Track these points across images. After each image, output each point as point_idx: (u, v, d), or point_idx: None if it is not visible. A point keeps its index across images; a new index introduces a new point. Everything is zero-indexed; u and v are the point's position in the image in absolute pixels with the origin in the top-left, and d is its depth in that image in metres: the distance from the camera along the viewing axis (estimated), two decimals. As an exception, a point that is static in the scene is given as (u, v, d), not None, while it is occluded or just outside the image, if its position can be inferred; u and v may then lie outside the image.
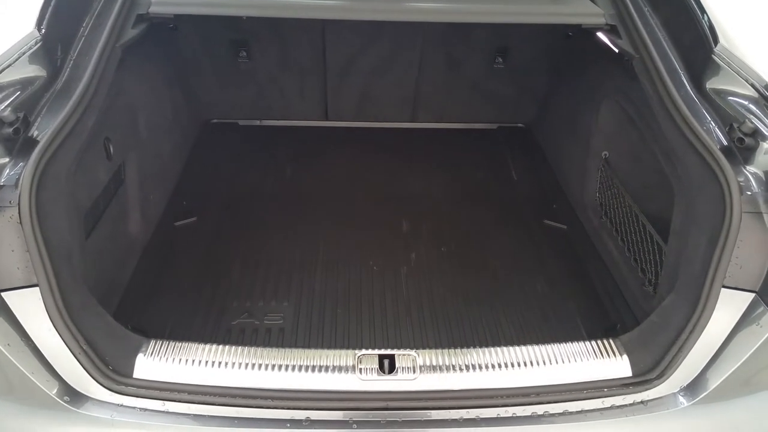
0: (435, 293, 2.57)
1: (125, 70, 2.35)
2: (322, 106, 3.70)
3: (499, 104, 3.80)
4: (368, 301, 2.51)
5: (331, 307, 2.46)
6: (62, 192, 1.78)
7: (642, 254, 2.47)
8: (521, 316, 2.49)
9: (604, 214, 2.87)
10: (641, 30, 2.31)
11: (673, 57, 2.23)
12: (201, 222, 2.92)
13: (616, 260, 2.67)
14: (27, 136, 1.74)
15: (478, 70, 3.58)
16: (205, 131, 3.66)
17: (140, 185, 2.61)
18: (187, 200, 3.05)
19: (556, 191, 3.31)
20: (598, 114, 2.91)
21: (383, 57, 3.47)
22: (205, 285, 2.54)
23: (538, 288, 2.65)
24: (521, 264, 2.79)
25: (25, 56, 1.91)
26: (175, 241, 2.79)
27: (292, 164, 3.45)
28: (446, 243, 2.88)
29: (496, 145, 3.77)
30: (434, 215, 3.09)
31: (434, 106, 3.77)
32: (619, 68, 2.69)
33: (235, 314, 2.40)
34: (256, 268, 2.65)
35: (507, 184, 3.41)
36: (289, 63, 3.46)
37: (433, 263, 2.75)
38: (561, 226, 3.05)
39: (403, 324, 2.40)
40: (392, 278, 2.64)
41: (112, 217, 2.36)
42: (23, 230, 1.59)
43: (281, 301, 2.48)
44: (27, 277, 1.60)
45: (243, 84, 3.56)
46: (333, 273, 2.65)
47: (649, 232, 2.43)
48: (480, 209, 3.17)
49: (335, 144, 3.67)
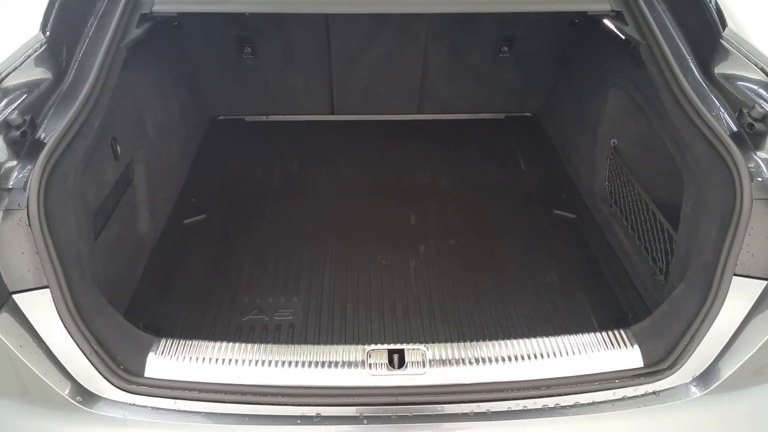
0: (444, 286, 2.57)
1: (130, 70, 2.35)
2: (328, 101, 3.69)
3: (506, 93, 3.77)
4: (377, 296, 2.51)
5: (341, 303, 2.47)
6: (70, 194, 1.79)
7: (653, 243, 2.45)
8: (532, 308, 2.48)
9: (613, 203, 2.85)
10: (647, 15, 2.28)
11: (680, 42, 2.21)
12: (210, 219, 2.93)
13: (627, 249, 2.66)
14: (34, 138, 1.76)
15: (484, 59, 3.55)
16: (211, 128, 3.67)
17: (148, 184, 2.62)
18: (195, 197, 3.07)
19: (565, 180, 3.29)
20: (605, 102, 2.89)
21: (388, 49, 3.45)
22: (215, 282, 2.56)
23: (548, 279, 2.63)
24: (531, 255, 2.77)
25: (30, 59, 1.92)
26: (184, 239, 2.80)
27: (299, 159, 3.46)
28: (455, 235, 2.87)
29: (503, 134, 3.75)
30: (442, 207, 3.08)
31: (440, 97, 3.75)
32: (626, 55, 2.67)
33: (245, 311, 2.41)
34: (266, 265, 2.66)
35: (515, 175, 3.40)
36: (294, 58, 3.46)
37: (442, 256, 2.74)
38: (570, 215, 3.02)
39: (412, 318, 2.40)
40: (401, 272, 2.64)
41: (121, 216, 2.38)
42: (32, 233, 1.60)
43: (291, 297, 2.49)
44: (37, 279, 1.61)
45: (248, 80, 3.56)
46: (342, 268, 2.65)
47: (659, 221, 2.41)
48: (488, 200, 3.15)
49: (342, 138, 3.67)
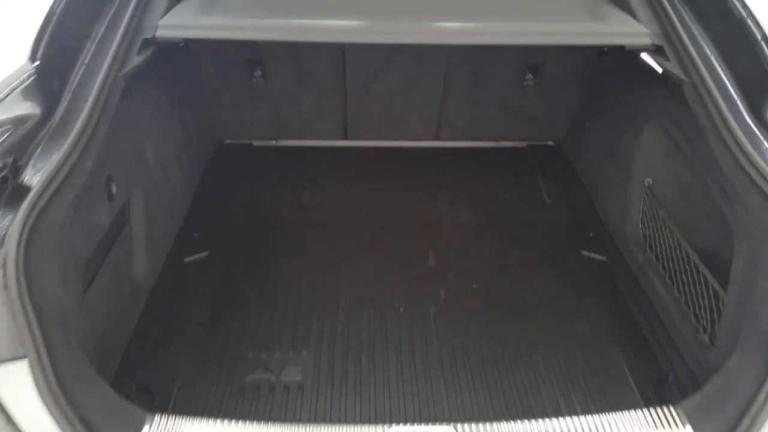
0: (468, 337, 2.36)
1: (130, 97, 2.16)
2: (341, 125, 3.49)
3: (528, 121, 3.57)
4: (395, 348, 2.30)
5: (355, 357, 2.25)
6: (56, 246, 1.59)
7: (695, 297, 2.24)
8: (563, 362, 2.28)
9: (648, 248, 2.64)
10: (692, 52, 2.09)
11: (727, 81, 2.01)
12: (213, 256, 2.72)
13: (664, 301, 2.44)
14: (17, 183, 1.56)
15: (507, 87, 3.36)
16: (217, 153, 3.47)
17: (147, 222, 2.42)
18: (198, 231, 2.86)
19: (593, 217, 3.08)
20: (640, 137, 2.68)
21: (406, 73, 3.26)
22: (217, 330, 2.34)
23: (579, 329, 2.43)
24: (559, 300, 2.57)
25: (17, 91, 1.73)
26: (184, 280, 2.58)
27: (309, 188, 3.25)
28: (477, 278, 2.66)
29: (525, 164, 3.55)
30: (463, 245, 2.88)
31: (460, 124, 3.55)
32: (664, 89, 2.47)
33: (250, 367, 2.19)
34: (273, 309, 2.45)
35: (539, 209, 3.19)
36: (306, 81, 3.26)
37: (464, 302, 2.54)
38: (600, 257, 2.81)
39: (434, 377, 2.19)
40: (420, 320, 2.43)
41: (115, 261, 2.17)
42: (9, 296, 1.40)
43: (300, 349, 2.28)
44: (14, 349, 1.40)
45: (258, 103, 3.36)
46: (356, 315, 2.44)
47: (702, 274, 2.20)
48: (511, 236, 2.95)
49: (355, 165, 3.46)
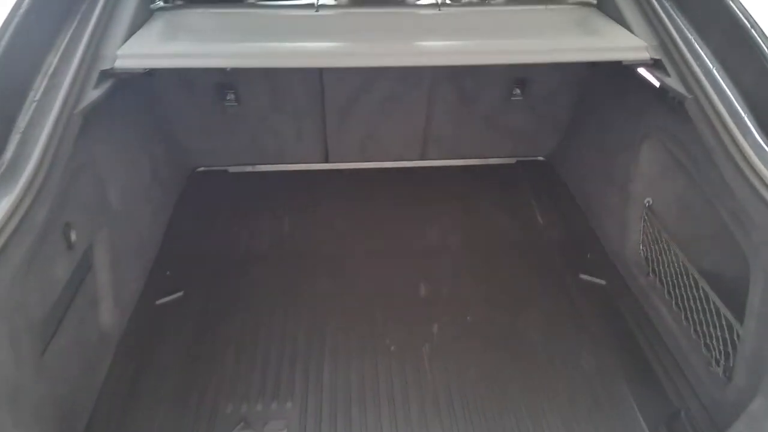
0: (465, 378, 2.19)
1: (88, 136, 1.97)
2: (321, 148, 3.31)
3: (517, 137, 3.43)
4: (387, 394, 2.13)
5: (344, 408, 2.07)
6: (4, 310, 1.41)
7: (704, 327, 2.11)
8: (568, 399, 2.13)
9: (651, 272, 2.50)
10: (693, 65, 1.97)
11: (732, 96, 1.88)
12: (187, 296, 2.52)
13: (671, 329, 2.30)
14: None
15: (494, 102, 3.21)
16: (190, 182, 3.26)
17: (113, 267, 2.22)
18: (171, 270, 2.66)
19: (589, 237, 2.93)
20: (637, 155, 2.55)
21: (389, 92, 3.10)
22: (194, 381, 2.15)
23: (583, 363, 2.28)
24: (560, 331, 2.41)
25: None
26: (157, 324, 2.38)
27: (289, 216, 3.06)
28: (472, 310, 2.50)
29: (515, 181, 3.41)
30: (454, 273, 2.71)
31: (446, 142, 3.39)
32: (662, 103, 2.34)
33: (230, 423, 2.00)
34: (254, 356, 2.26)
35: (532, 230, 3.04)
36: (283, 104, 3.08)
37: (460, 338, 2.37)
38: (599, 281, 2.67)
39: (432, 426, 2.02)
40: (413, 360, 2.26)
41: (78, 313, 1.97)
42: None
43: (283, 401, 2.09)
44: None
45: (231, 128, 3.17)
46: (343, 358, 2.26)
47: (713, 302, 2.06)
48: (505, 262, 2.79)
49: (338, 189, 3.28)
